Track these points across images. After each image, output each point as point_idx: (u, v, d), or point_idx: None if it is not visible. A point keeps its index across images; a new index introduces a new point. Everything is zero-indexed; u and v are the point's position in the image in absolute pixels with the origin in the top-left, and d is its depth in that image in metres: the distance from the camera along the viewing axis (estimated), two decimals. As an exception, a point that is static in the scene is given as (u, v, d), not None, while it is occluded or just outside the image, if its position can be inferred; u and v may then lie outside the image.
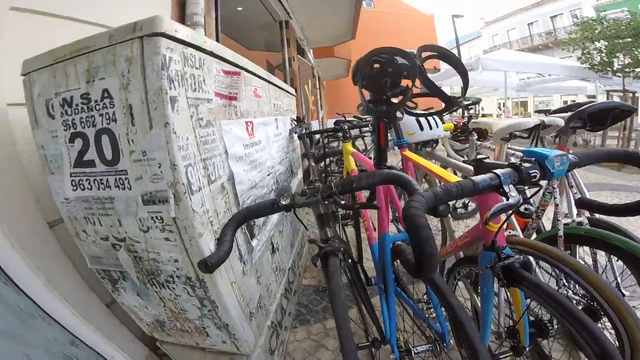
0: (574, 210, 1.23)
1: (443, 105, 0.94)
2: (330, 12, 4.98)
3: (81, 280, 1.03)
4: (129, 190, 0.68)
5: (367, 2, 15.15)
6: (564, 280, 1.06)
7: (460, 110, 3.16)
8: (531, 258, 1.17)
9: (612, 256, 1.06)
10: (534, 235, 1.36)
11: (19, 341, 0.90)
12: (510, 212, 0.73)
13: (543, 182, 0.67)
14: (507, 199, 0.57)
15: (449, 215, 1.69)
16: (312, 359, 1.29)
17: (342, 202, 0.77)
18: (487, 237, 0.75)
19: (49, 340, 0.98)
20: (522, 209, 1.31)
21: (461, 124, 2.21)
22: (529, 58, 6.25)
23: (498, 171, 0.58)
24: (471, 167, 1.13)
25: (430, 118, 1.86)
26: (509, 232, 1.28)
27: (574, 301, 0.99)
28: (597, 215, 1.25)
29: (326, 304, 1.66)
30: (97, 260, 0.85)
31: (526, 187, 0.61)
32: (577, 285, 0.93)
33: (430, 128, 1.91)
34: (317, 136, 2.80)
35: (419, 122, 1.93)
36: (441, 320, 1.04)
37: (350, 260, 0.91)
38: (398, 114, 1.09)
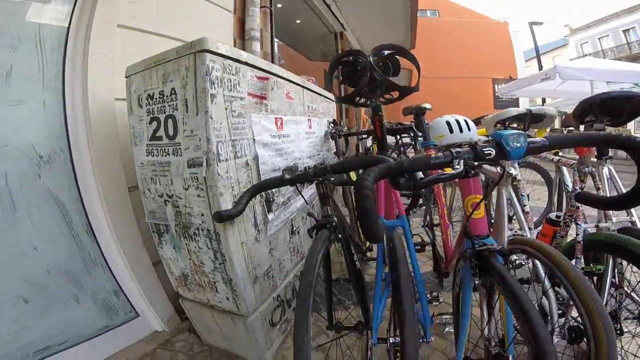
0: (602, 215, 1.18)
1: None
2: (386, 23, 5.19)
3: (140, 238, 1.39)
4: (180, 156, 1.00)
5: (431, 11, 14.95)
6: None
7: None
8: (539, 264, 1.18)
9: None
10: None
11: (74, 283, 1.25)
12: (482, 197, 0.78)
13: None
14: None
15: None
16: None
17: (332, 178, 0.96)
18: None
19: (98, 286, 1.32)
20: (553, 216, 1.29)
21: None
22: (619, 65, 5.53)
23: (453, 149, 0.61)
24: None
25: (461, 120, 1.90)
26: (515, 232, 1.29)
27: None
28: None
29: (341, 297, 1.74)
30: (152, 215, 1.20)
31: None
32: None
33: (461, 131, 1.92)
34: (369, 144, 2.93)
35: (448, 124, 1.96)
36: (426, 314, 1.09)
37: (340, 236, 1.02)
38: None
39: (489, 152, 0.60)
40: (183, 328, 1.49)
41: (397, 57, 0.94)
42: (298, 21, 4.37)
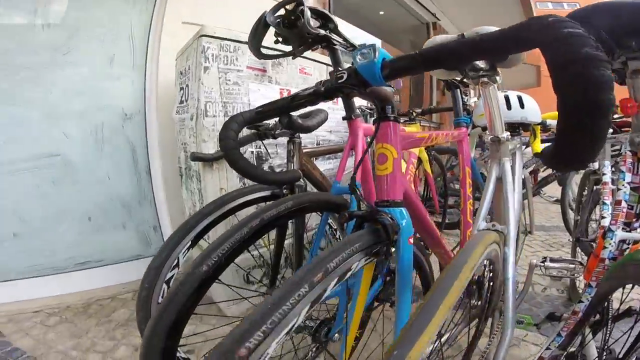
0: None
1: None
2: (495, 12, 4.73)
3: (179, 179, 1.86)
4: (188, 113, 1.47)
5: (569, 4, 12.46)
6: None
7: None
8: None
9: None
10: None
11: (127, 211, 1.70)
12: (364, 154, 0.70)
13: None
14: None
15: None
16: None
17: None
18: None
19: (143, 219, 1.78)
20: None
21: None
22: None
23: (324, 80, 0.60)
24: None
25: (523, 95, 1.46)
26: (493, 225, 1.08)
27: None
28: None
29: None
30: (178, 160, 1.75)
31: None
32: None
33: (522, 106, 1.42)
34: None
35: (507, 99, 1.47)
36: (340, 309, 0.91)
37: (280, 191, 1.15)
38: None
39: (341, 75, 0.54)
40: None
41: (323, 11, 1.03)
42: (381, 12, 4.50)
